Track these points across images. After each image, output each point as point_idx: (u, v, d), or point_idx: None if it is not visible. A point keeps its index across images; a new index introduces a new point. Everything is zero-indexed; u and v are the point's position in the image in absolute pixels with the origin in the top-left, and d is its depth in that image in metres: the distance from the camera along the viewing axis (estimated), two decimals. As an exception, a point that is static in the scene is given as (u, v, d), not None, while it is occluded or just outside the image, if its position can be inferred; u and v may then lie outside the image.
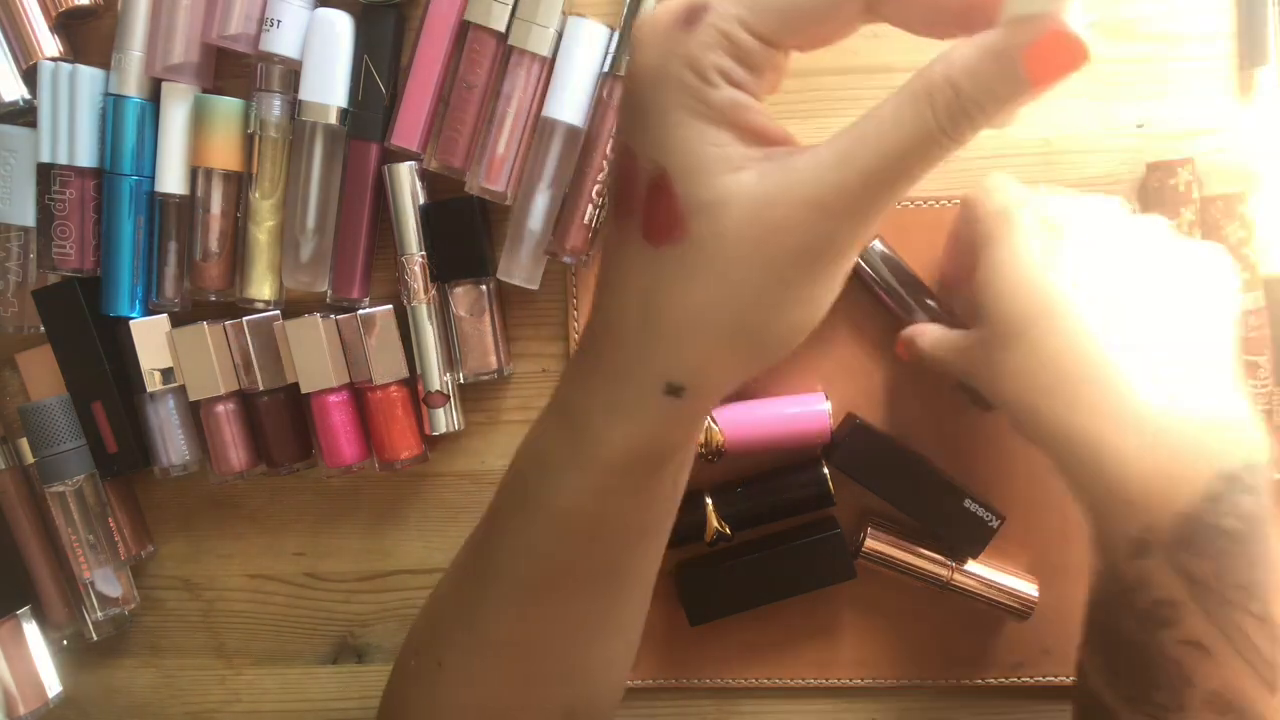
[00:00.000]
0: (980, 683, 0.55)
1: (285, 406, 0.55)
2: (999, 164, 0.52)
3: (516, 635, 0.36)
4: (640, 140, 0.27)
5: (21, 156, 0.53)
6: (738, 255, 0.26)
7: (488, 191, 0.52)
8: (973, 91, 0.24)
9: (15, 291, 0.55)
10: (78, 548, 0.55)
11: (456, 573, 0.39)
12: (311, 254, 0.54)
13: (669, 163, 0.26)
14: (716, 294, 0.26)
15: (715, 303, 0.27)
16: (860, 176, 0.25)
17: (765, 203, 0.25)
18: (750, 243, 0.26)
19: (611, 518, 0.34)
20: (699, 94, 0.26)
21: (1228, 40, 0.51)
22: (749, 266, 0.26)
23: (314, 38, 0.51)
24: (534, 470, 0.34)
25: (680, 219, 0.26)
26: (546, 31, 0.50)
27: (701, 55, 0.26)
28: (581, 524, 0.33)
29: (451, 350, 0.54)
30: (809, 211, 0.25)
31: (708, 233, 0.26)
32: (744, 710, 0.57)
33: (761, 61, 0.26)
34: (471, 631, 0.37)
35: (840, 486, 0.52)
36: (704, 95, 0.26)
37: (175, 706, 0.60)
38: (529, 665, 0.37)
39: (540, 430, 0.34)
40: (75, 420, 0.55)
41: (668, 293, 0.27)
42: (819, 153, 0.26)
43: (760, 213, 0.25)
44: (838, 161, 0.25)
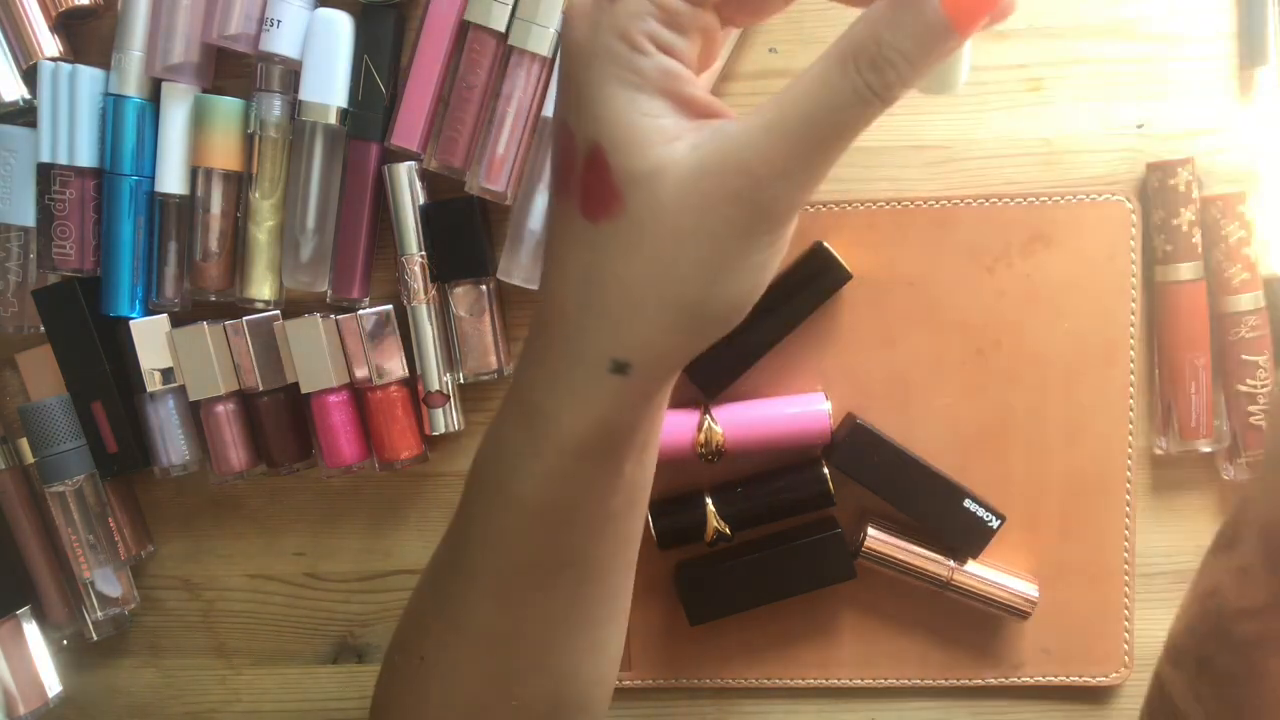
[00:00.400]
0: (980, 683, 0.55)
1: (285, 406, 0.55)
2: (999, 163, 0.52)
3: (494, 628, 0.36)
4: (575, 115, 0.26)
5: (21, 156, 0.53)
6: (675, 227, 0.26)
7: (488, 191, 0.52)
8: (895, 42, 0.24)
9: (15, 291, 0.55)
10: (78, 548, 0.55)
11: (434, 567, 0.39)
12: (311, 254, 0.53)
13: (602, 136, 0.26)
14: (655, 268, 0.26)
15: (654, 277, 0.26)
16: (791, 141, 0.25)
17: (701, 172, 0.25)
18: (687, 213, 0.25)
19: (573, 505, 0.33)
20: (630, 63, 0.26)
21: (1228, 40, 0.51)
22: (687, 238, 0.26)
23: (314, 38, 0.51)
24: (494, 459, 0.34)
25: (616, 193, 0.26)
26: (546, 31, 0.50)
27: (630, 24, 0.26)
28: (544, 512, 0.33)
29: (451, 350, 0.54)
30: (744, 179, 0.25)
31: (644, 206, 0.26)
32: (744, 710, 0.57)
33: (689, 23, 0.26)
34: (450, 626, 0.37)
35: (840, 486, 0.52)
36: (635, 64, 0.26)
37: (175, 706, 0.60)
38: (509, 658, 0.37)
39: (499, 419, 0.33)
40: (75, 420, 0.55)
41: (607, 269, 0.27)
42: (750, 120, 0.25)
43: (696, 183, 0.25)
44: (768, 127, 0.25)
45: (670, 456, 0.51)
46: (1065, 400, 0.53)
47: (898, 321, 0.53)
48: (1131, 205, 0.51)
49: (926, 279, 0.52)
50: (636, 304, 0.27)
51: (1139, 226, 0.51)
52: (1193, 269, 0.50)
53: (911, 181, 0.53)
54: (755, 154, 0.25)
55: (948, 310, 0.53)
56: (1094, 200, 0.52)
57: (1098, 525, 0.53)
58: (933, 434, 0.53)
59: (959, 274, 0.52)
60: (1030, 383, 0.53)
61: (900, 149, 0.52)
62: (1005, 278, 0.52)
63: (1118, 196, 0.52)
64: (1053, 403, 0.53)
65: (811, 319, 0.52)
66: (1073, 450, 0.53)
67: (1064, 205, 0.52)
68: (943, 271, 0.52)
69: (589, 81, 0.26)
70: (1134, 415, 0.53)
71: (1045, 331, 0.52)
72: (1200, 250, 0.50)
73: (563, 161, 0.27)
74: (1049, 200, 0.52)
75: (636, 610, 0.55)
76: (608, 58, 0.26)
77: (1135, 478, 0.53)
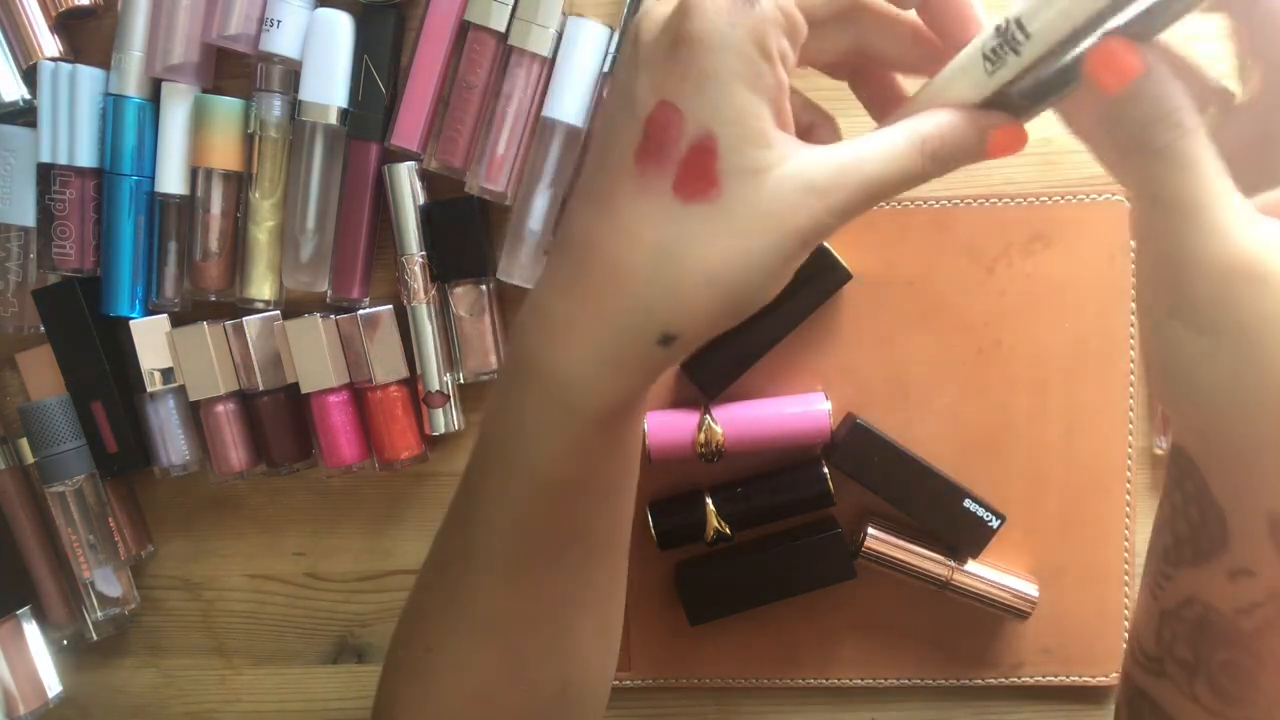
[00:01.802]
0: (980, 683, 0.55)
1: (285, 406, 0.55)
2: (999, 164, 0.52)
3: (504, 610, 0.36)
4: (692, 100, 0.28)
5: (21, 156, 0.53)
6: (758, 223, 0.29)
7: (488, 191, 0.52)
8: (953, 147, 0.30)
9: (15, 291, 0.55)
10: (78, 548, 0.55)
11: (437, 558, 0.39)
12: (311, 254, 0.54)
13: (718, 126, 0.28)
14: (733, 255, 0.29)
15: (730, 262, 0.29)
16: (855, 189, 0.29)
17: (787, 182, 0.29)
18: (770, 215, 0.29)
19: (588, 477, 0.34)
20: (758, 69, 0.28)
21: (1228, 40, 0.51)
22: (764, 235, 0.29)
23: (314, 38, 0.51)
24: (508, 435, 0.33)
25: (715, 180, 0.28)
26: (546, 31, 0.50)
27: (766, 31, 0.28)
28: (560, 485, 0.34)
29: (451, 350, 0.54)
30: (816, 201, 0.29)
31: (737, 198, 0.28)
32: (744, 710, 0.57)
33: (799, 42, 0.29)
34: (459, 611, 0.37)
35: (840, 486, 0.52)
36: (760, 70, 0.28)
37: (175, 706, 0.60)
38: (518, 641, 0.37)
39: (508, 393, 0.33)
40: (75, 420, 0.55)
41: (688, 247, 0.29)
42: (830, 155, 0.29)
43: (783, 190, 0.29)
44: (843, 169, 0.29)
45: (670, 456, 0.51)
46: (1065, 400, 0.53)
47: (898, 321, 0.53)
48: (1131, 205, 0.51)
49: (926, 279, 0.52)
50: (707, 284, 0.29)
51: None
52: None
53: (911, 181, 0.53)
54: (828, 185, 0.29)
55: (948, 310, 0.53)
56: (1094, 200, 0.52)
57: (1098, 525, 0.53)
58: (933, 434, 0.53)
59: (959, 274, 0.52)
60: (1030, 383, 0.53)
61: (900, 149, 0.52)
62: (1005, 278, 0.52)
63: (1118, 196, 0.52)
64: (1053, 403, 0.53)
65: (811, 319, 0.52)
66: (1073, 450, 0.53)
67: (1064, 205, 0.52)
68: (943, 271, 0.52)
69: (717, 74, 0.28)
70: (1134, 415, 0.53)
71: (1045, 331, 0.52)
72: (1200, 250, 0.50)
73: (661, 138, 0.28)
74: (1049, 200, 0.52)
75: (636, 610, 0.55)
76: (740, 57, 0.28)
77: (1135, 478, 0.53)
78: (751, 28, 0.28)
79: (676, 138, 0.28)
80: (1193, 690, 0.34)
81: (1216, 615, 0.33)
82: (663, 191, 0.28)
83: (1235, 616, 0.32)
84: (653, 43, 0.29)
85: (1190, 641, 0.34)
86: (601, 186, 0.30)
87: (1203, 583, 0.34)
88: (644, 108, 0.29)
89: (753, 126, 0.28)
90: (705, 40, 0.28)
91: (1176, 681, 0.35)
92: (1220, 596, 0.33)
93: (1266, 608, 0.31)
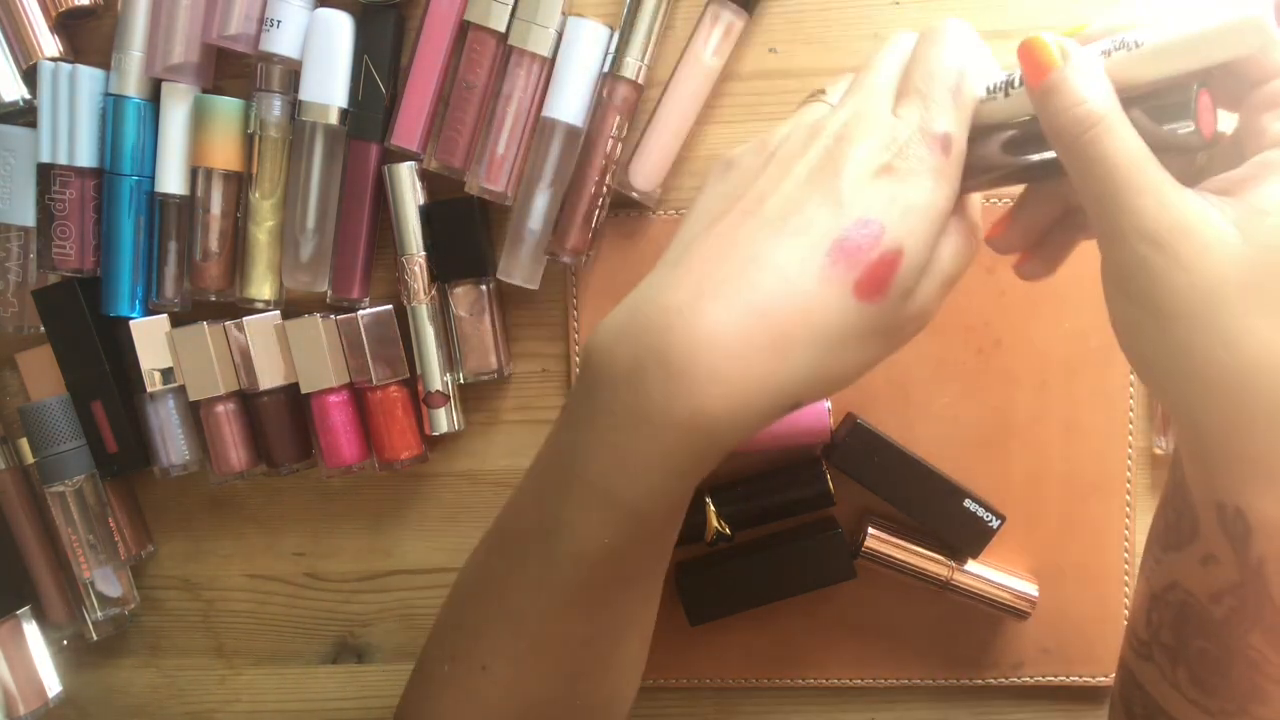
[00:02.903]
0: (980, 683, 0.55)
1: (285, 406, 0.55)
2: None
3: (568, 633, 0.37)
4: (895, 221, 0.32)
5: (21, 156, 0.53)
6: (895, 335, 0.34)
7: (488, 191, 0.52)
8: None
9: (15, 291, 0.55)
10: (78, 548, 0.55)
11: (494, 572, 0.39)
12: (311, 254, 0.54)
13: (907, 245, 0.32)
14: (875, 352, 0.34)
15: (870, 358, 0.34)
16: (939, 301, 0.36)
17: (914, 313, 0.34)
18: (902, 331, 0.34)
19: (679, 511, 0.36)
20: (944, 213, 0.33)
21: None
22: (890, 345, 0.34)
23: (314, 38, 0.51)
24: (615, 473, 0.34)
25: (888, 288, 0.32)
26: (546, 31, 0.50)
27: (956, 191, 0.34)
28: (659, 523, 0.35)
29: (451, 350, 0.54)
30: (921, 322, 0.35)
31: (892, 306, 0.33)
32: (744, 710, 0.57)
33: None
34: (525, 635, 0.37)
35: (840, 486, 0.52)
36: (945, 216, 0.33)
37: (175, 706, 0.60)
38: (577, 661, 0.38)
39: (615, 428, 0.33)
40: (75, 420, 0.55)
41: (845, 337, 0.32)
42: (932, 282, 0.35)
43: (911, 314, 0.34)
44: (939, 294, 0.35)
45: (670, 456, 0.51)
46: (1065, 400, 0.53)
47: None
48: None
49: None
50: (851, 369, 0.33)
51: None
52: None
53: (911, 181, 0.53)
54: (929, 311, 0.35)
55: (948, 310, 0.52)
56: (1094, 200, 0.52)
57: (1097, 525, 0.53)
58: (933, 434, 0.53)
59: (959, 274, 0.52)
60: (1030, 383, 0.53)
61: (900, 149, 0.52)
62: (1005, 278, 0.52)
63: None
64: (1053, 403, 0.53)
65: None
66: (1073, 450, 0.53)
67: (1064, 205, 0.52)
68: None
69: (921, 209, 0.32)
70: (1134, 415, 0.53)
71: (1045, 331, 0.52)
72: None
73: (861, 243, 0.32)
74: (1049, 200, 0.52)
75: (636, 610, 0.55)
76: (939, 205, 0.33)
77: (1135, 478, 0.53)
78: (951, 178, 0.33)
79: (874, 246, 0.32)
80: (1175, 677, 0.35)
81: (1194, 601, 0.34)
82: (845, 285, 0.32)
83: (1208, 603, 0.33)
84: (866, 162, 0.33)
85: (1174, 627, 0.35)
86: (785, 261, 0.32)
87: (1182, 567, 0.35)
88: (850, 212, 0.32)
89: (926, 256, 0.33)
90: (916, 180, 0.32)
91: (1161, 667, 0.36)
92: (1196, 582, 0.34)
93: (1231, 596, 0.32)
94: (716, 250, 0.33)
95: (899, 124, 0.33)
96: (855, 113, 0.34)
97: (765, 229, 0.33)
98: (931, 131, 0.33)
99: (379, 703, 0.59)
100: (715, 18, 0.51)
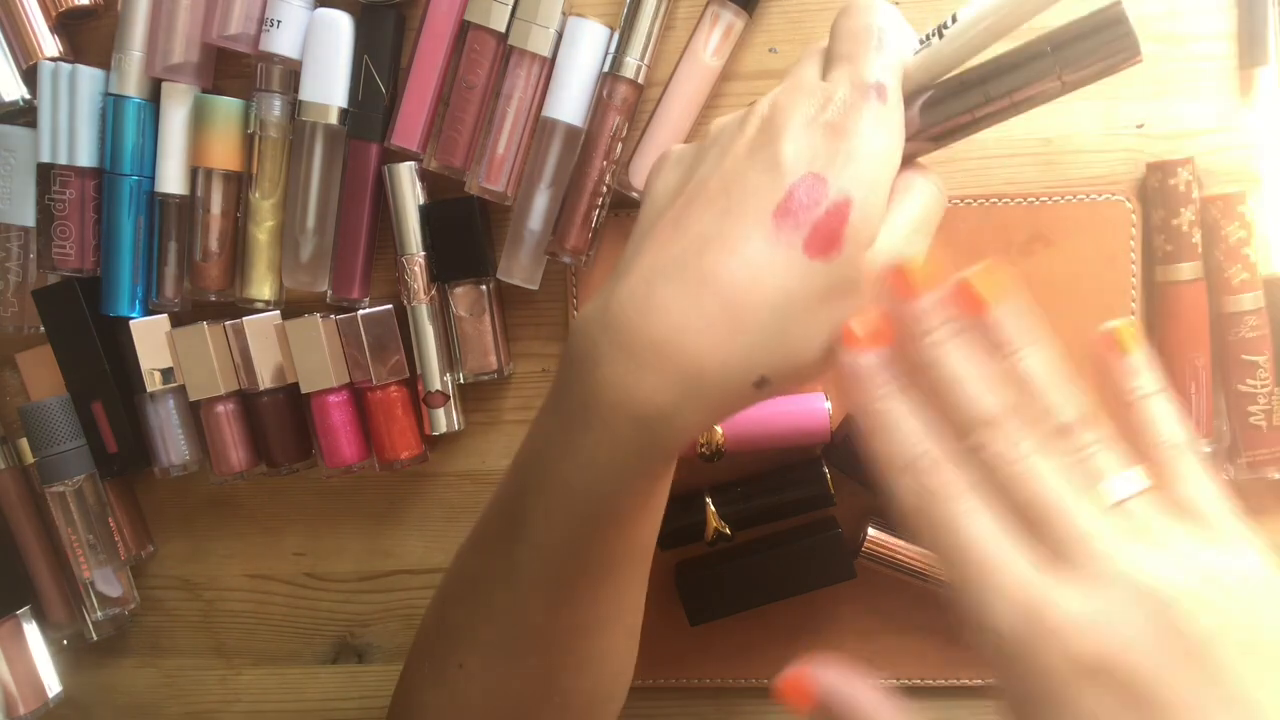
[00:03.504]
0: (980, 683, 0.55)
1: (285, 406, 0.55)
2: (999, 164, 0.52)
3: (543, 627, 0.37)
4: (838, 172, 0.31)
5: (21, 156, 0.53)
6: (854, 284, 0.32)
7: (488, 191, 0.52)
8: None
9: (15, 291, 0.55)
10: (78, 548, 0.55)
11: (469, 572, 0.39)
12: (311, 254, 0.54)
13: (856, 193, 0.31)
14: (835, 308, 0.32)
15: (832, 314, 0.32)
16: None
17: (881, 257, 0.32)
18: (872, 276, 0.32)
19: (645, 504, 0.36)
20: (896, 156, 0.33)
21: (1228, 40, 0.51)
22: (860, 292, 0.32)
23: (314, 38, 0.51)
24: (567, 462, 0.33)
25: (840, 241, 0.31)
26: (546, 31, 0.50)
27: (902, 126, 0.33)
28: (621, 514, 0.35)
29: (451, 350, 0.54)
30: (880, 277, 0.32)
31: (851, 260, 0.31)
32: (744, 710, 0.57)
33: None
34: (495, 629, 0.37)
35: (840, 486, 0.52)
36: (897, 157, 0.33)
37: (175, 706, 0.60)
38: (555, 656, 0.38)
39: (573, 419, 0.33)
40: (75, 420, 0.55)
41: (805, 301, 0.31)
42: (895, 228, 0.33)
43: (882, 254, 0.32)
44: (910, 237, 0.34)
45: (670, 456, 0.51)
46: (1065, 400, 0.52)
47: (898, 321, 0.53)
48: (1131, 205, 0.51)
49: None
50: (816, 334, 0.32)
51: (1139, 226, 0.51)
52: (1193, 269, 0.50)
53: (911, 181, 0.53)
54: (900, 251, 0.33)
55: (948, 310, 0.52)
56: (1094, 200, 0.52)
57: (1098, 525, 0.53)
58: (933, 434, 0.53)
59: (959, 274, 0.52)
60: (1030, 383, 0.53)
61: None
62: (1005, 278, 0.52)
63: (1118, 196, 0.52)
64: (1053, 403, 0.53)
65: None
66: (1073, 450, 0.53)
67: (1064, 205, 0.52)
68: (943, 271, 0.52)
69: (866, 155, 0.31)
70: (1134, 415, 0.53)
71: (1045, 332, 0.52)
72: (1200, 250, 0.50)
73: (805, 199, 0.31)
74: (1049, 200, 0.52)
75: (636, 610, 0.55)
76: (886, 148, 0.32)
77: (1135, 478, 0.53)
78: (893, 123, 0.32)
79: (818, 201, 0.31)
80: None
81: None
82: (793, 245, 0.31)
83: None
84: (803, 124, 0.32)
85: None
86: (730, 231, 0.31)
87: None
88: (791, 174, 0.31)
89: (879, 202, 0.32)
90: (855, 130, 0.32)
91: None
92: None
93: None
94: (666, 235, 0.33)
95: (830, 85, 0.33)
96: (786, 86, 0.34)
97: (711, 207, 0.32)
98: (863, 83, 0.32)
99: (379, 703, 0.59)
100: (715, 18, 0.51)
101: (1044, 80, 0.33)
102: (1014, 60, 0.33)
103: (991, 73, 0.33)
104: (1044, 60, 0.32)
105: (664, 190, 0.35)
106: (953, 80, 0.34)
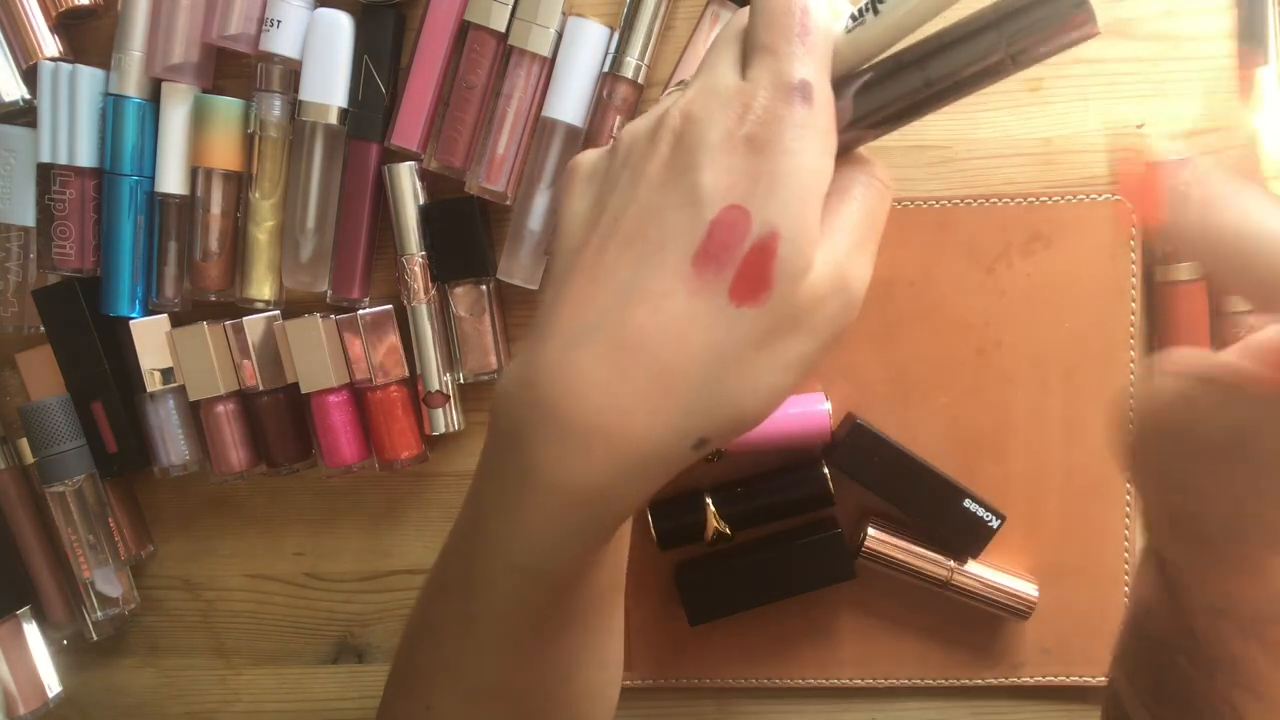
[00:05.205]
0: (980, 683, 0.55)
1: (285, 406, 0.55)
2: (999, 164, 0.52)
3: (504, 681, 0.36)
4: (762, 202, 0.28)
5: (21, 156, 0.53)
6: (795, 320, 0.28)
7: (488, 191, 0.52)
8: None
9: (15, 291, 0.55)
10: (78, 548, 0.55)
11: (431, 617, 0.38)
12: (311, 254, 0.54)
13: (785, 225, 0.27)
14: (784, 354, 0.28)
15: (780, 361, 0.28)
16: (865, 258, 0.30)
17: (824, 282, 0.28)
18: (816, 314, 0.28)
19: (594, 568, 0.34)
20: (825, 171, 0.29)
21: (1228, 40, 0.51)
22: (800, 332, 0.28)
23: (314, 38, 0.51)
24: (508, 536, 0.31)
25: (770, 283, 0.28)
26: (546, 31, 0.50)
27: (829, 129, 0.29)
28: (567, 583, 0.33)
29: (451, 350, 0.54)
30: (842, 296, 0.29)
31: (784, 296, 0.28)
32: (744, 710, 0.57)
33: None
34: (457, 679, 0.36)
35: (840, 486, 0.52)
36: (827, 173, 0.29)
37: (175, 706, 0.60)
38: (520, 706, 0.37)
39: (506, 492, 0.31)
40: (75, 420, 0.55)
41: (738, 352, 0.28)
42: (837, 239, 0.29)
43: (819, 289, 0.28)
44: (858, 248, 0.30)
45: (670, 456, 0.51)
46: (1065, 400, 0.53)
47: (898, 321, 0.53)
48: (1131, 205, 0.51)
49: (926, 279, 0.52)
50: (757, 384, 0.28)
51: (1139, 226, 0.51)
52: (1193, 269, 0.50)
53: (912, 181, 0.53)
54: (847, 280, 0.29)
55: (948, 310, 0.53)
56: (1094, 200, 0.52)
57: (1098, 525, 0.53)
58: (933, 434, 0.53)
59: (959, 274, 0.52)
60: (1030, 383, 0.53)
61: (901, 149, 0.52)
62: (1005, 278, 0.52)
63: (1118, 196, 0.52)
64: (1053, 403, 0.53)
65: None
66: (1073, 450, 0.53)
67: (1064, 205, 0.52)
68: (943, 271, 0.52)
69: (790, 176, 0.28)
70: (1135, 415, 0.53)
71: (1045, 331, 0.52)
72: (1200, 250, 0.50)
73: (726, 240, 0.28)
74: (1049, 200, 0.52)
75: (636, 610, 0.55)
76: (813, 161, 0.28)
77: (1135, 478, 0.53)
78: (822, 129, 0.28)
79: (741, 240, 0.28)
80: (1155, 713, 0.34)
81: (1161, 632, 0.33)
82: (718, 293, 0.28)
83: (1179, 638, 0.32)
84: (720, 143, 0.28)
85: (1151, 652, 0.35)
86: (650, 283, 0.28)
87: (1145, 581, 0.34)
88: (710, 209, 0.28)
89: (811, 226, 0.28)
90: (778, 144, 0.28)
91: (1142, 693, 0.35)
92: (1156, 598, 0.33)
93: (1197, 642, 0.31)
94: (582, 288, 0.29)
95: (748, 86, 0.29)
96: (700, 88, 0.30)
97: (627, 252, 0.29)
98: (786, 84, 0.28)
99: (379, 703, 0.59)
100: (715, 18, 0.51)
101: (990, 57, 0.29)
102: (956, 35, 0.29)
103: (932, 51, 0.29)
104: (990, 34, 0.28)
105: (578, 218, 0.32)
106: (889, 61, 0.30)
